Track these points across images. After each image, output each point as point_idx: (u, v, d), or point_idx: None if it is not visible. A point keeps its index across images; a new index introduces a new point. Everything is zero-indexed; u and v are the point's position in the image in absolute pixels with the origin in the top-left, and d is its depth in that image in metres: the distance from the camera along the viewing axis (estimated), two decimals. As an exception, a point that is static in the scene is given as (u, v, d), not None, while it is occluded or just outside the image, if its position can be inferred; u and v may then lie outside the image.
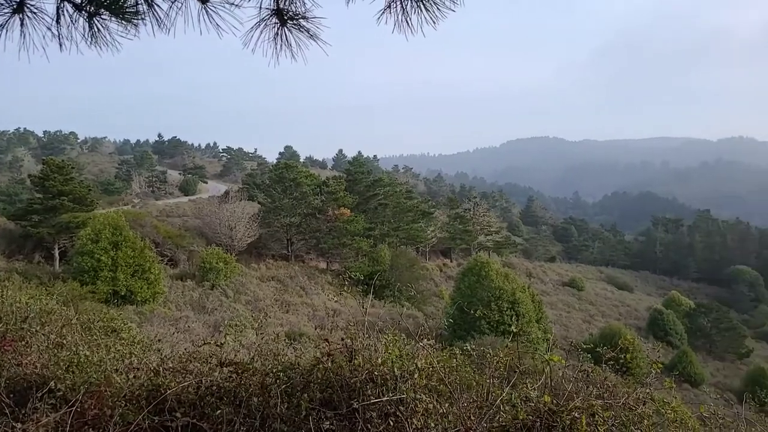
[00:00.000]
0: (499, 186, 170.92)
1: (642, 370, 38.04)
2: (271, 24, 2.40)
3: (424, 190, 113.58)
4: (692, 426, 2.77)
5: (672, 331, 49.59)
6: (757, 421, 3.80)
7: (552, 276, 65.50)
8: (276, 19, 2.41)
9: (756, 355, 49.67)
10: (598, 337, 37.71)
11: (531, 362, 3.20)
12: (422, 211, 55.36)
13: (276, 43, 2.40)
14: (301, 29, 2.38)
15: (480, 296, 31.70)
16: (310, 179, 44.47)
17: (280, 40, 2.39)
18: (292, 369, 2.85)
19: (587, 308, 55.13)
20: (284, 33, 2.39)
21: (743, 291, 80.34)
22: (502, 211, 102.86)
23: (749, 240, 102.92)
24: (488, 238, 63.91)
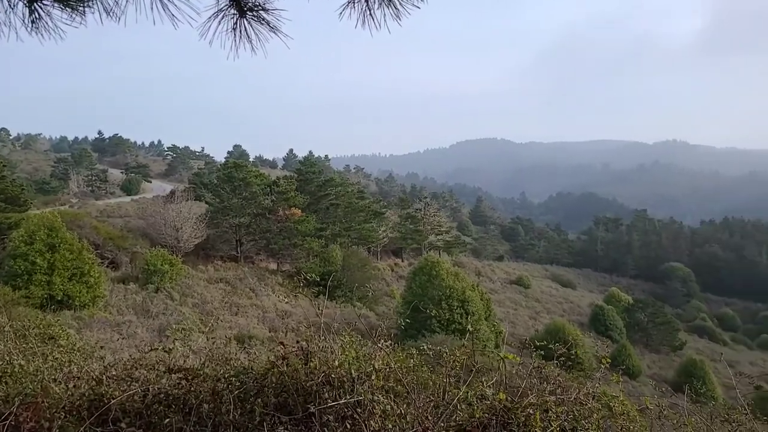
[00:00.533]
0: (449, 186, 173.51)
1: (585, 365, 39.53)
2: (230, 15, 2.31)
3: (376, 190, 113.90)
4: (636, 418, 2.88)
5: (612, 326, 51.76)
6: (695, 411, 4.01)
7: (500, 274, 67.02)
8: (234, 10, 2.31)
9: (688, 347, 52.53)
10: (544, 333, 38.90)
11: (485, 360, 3.23)
12: (374, 211, 55.46)
13: (235, 35, 2.30)
14: (261, 21, 2.29)
15: (431, 295, 32.04)
16: (260, 179, 43.69)
17: (239, 32, 2.30)
18: (245, 374, 2.77)
19: (533, 305, 56.74)
20: (243, 24, 2.30)
21: (676, 287, 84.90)
22: (452, 211, 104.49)
23: (682, 238, 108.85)
24: (439, 238, 64.74)
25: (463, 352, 2.88)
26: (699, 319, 69.32)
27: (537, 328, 43.61)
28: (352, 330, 3.40)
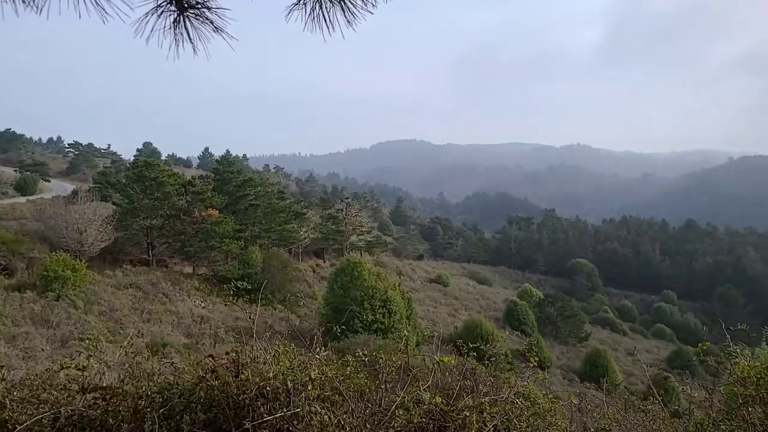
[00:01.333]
0: (370, 187, 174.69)
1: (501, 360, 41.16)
2: (169, 11, 2.13)
3: (296, 190, 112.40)
4: (563, 413, 3.01)
5: (525, 320, 54.37)
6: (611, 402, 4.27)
7: (420, 273, 68.34)
8: (174, 7, 2.14)
9: (593, 338, 56.26)
10: (462, 330, 40.19)
11: (420, 363, 3.25)
12: (295, 212, 54.65)
13: (175, 33, 2.13)
14: (203, 19, 2.14)
15: (353, 296, 32.08)
16: (173, 178, 41.64)
17: (179, 31, 2.13)
18: (170, 389, 2.60)
19: (452, 303, 58.34)
20: (184, 22, 2.13)
21: (582, 281, 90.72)
22: (373, 212, 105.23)
23: (586, 236, 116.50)
24: (360, 238, 64.94)
25: (399, 356, 2.88)
26: (602, 312, 74.38)
27: (456, 325, 44.85)
28: (274, 334, 3.30)
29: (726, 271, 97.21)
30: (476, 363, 3.05)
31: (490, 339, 39.51)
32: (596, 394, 8.31)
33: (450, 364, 2.77)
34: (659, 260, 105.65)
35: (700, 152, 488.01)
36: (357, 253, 54.55)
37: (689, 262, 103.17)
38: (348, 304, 31.49)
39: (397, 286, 37.50)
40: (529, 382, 3.08)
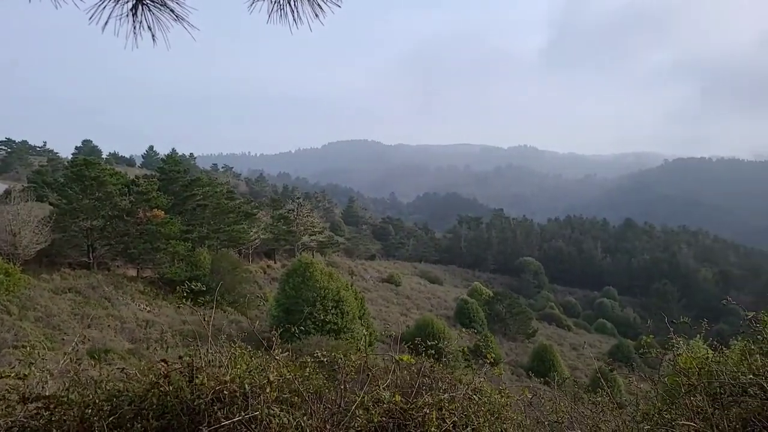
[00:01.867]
0: (321, 187, 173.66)
1: (452, 357, 41.77)
2: None
3: (246, 190, 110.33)
4: (521, 408, 3.09)
5: (475, 318, 55.43)
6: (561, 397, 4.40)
7: (372, 273, 68.45)
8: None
9: (540, 334, 58.00)
10: (414, 329, 40.56)
11: (379, 362, 3.24)
12: (245, 212, 53.58)
13: (132, 20, 2.02)
14: (162, 7, 2.04)
15: (305, 296, 31.81)
16: (115, 178, 40.01)
17: (138, 18, 2.03)
18: (120, 397, 2.48)
19: (404, 302, 58.73)
20: (142, 9, 2.02)
21: (529, 279, 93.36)
22: (324, 212, 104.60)
23: (533, 235, 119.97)
24: (312, 239, 64.40)
25: (357, 356, 2.87)
26: (548, 308, 76.74)
27: (408, 324, 45.21)
28: (228, 337, 3.22)
29: (662, 267, 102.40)
30: (433, 361, 3.08)
31: (442, 337, 40.20)
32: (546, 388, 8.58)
33: (408, 363, 2.78)
34: (601, 258, 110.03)
35: (637, 154, 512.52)
36: (309, 254, 54.10)
37: (628, 259, 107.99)
38: (300, 305, 31.23)
39: (350, 286, 37.44)
40: (485, 378, 3.14)
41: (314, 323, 31.21)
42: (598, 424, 3.18)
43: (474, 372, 3.22)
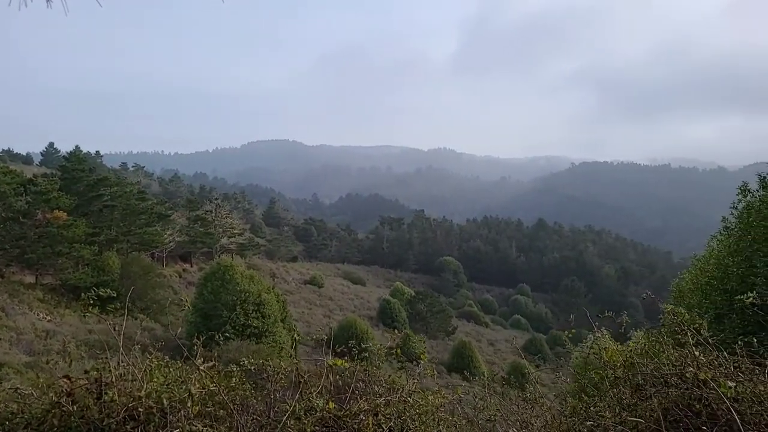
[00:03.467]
0: (241, 187, 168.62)
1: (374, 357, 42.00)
2: None
3: (160, 190, 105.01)
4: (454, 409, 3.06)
5: (397, 318, 56.15)
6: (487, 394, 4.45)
7: (294, 275, 67.45)
8: None
9: (459, 332, 59.71)
10: (338, 330, 40.41)
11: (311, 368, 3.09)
12: (158, 214, 50.92)
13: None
14: None
15: (225, 300, 30.77)
16: (10, 176, 36.60)
17: None
18: (14, 419, 2.16)
19: (327, 303, 58.36)
20: None
21: (449, 278, 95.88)
22: (244, 213, 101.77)
23: (453, 235, 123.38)
24: (231, 241, 62.41)
25: (288, 362, 2.70)
26: (467, 306, 79.18)
27: (331, 326, 44.99)
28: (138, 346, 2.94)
29: (570, 264, 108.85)
30: (365, 363, 2.98)
31: (365, 338, 40.34)
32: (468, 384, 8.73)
33: (342, 367, 2.67)
34: (515, 256, 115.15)
35: (547, 158, 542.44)
36: (228, 256, 52.33)
37: (540, 257, 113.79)
38: (219, 309, 30.18)
39: (272, 288, 36.66)
40: (419, 379, 3.10)
41: (234, 328, 30.30)
42: (528, 419, 3.24)
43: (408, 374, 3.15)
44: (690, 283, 9.50)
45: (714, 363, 2.27)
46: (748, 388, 2.02)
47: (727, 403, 1.94)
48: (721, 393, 2.01)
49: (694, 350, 2.30)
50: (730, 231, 8.89)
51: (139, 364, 2.46)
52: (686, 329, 2.40)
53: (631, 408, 2.38)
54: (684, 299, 9.11)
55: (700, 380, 2.15)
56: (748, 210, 8.14)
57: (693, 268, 10.06)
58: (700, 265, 9.52)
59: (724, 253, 8.46)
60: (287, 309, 38.72)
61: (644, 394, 2.38)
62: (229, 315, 30.28)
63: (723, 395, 2.00)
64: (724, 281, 7.91)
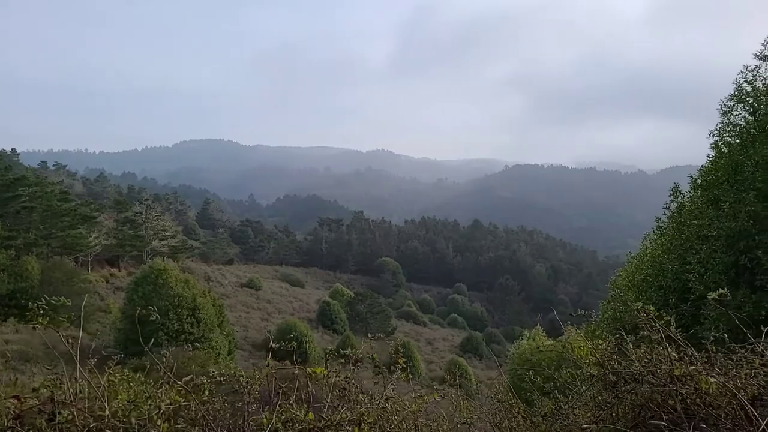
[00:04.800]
0: (173, 188, 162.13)
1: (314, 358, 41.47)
2: None
3: (84, 191, 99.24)
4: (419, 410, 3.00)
5: (337, 319, 55.94)
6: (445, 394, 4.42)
7: (231, 278, 65.70)
8: None
9: (399, 331, 60.21)
10: (276, 333, 39.71)
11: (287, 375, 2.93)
12: (82, 215, 48.08)
13: None
14: None
15: (157, 306, 29.35)
16: None
17: None
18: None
19: (265, 306, 57.24)
20: None
21: (388, 279, 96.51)
22: (177, 215, 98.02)
23: (391, 236, 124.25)
24: (163, 243, 59.88)
25: (266, 371, 2.54)
26: (405, 306, 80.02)
27: (269, 329, 44.15)
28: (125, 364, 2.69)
29: (504, 264, 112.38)
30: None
31: (305, 340, 39.86)
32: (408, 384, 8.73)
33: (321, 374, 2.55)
34: (452, 256, 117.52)
35: (482, 160, 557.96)
36: (160, 260, 50.17)
37: (476, 257, 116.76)
38: (151, 315, 28.85)
39: (207, 292, 35.53)
40: (395, 384, 3.03)
41: (167, 334, 29.19)
42: (501, 420, 3.24)
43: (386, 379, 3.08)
44: (626, 280, 10.01)
45: (685, 359, 2.36)
46: (722, 382, 2.10)
47: (703, 398, 2.01)
48: (695, 388, 2.08)
49: (667, 346, 2.38)
50: (663, 230, 9.45)
51: (98, 379, 2.22)
52: (656, 326, 2.47)
53: (606, 406, 2.42)
54: (620, 296, 9.59)
55: (674, 376, 2.22)
56: (680, 210, 8.69)
57: (629, 266, 10.61)
58: (635, 263, 10.05)
59: (658, 251, 8.97)
60: (224, 313, 37.69)
61: (618, 392, 2.44)
62: (161, 321, 29.11)
63: (698, 390, 2.07)
64: (659, 278, 8.40)
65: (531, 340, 27.31)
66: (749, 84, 7.94)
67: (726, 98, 8.25)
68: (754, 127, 7.58)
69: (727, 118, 8.26)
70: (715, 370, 2.20)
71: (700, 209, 7.82)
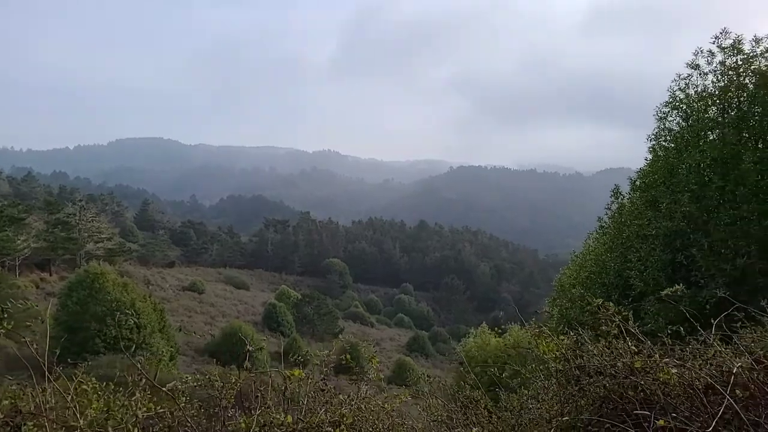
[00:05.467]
0: (108, 188, 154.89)
1: (261, 363, 40.80)
2: None
3: (10, 191, 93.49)
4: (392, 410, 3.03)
5: (283, 321, 55.24)
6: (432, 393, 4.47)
7: (172, 282, 63.60)
8: None
9: (346, 332, 60.10)
10: (221, 337, 38.79)
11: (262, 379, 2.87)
12: (9, 217, 45.23)
13: None
14: None
15: (93, 312, 28.22)
16: None
17: None
18: None
19: (209, 310, 55.76)
20: None
21: (335, 280, 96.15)
22: (113, 216, 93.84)
23: (338, 237, 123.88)
24: (99, 246, 57.19)
25: (245, 375, 2.49)
26: (353, 307, 79.98)
27: (213, 333, 43.04)
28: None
29: (450, 263, 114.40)
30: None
31: (251, 343, 39.17)
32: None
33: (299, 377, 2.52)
34: (399, 257, 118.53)
35: (428, 161, 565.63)
36: (96, 263, 47.89)
37: (422, 257, 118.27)
38: (87, 321, 27.62)
39: (148, 297, 34.26)
40: (368, 385, 3.04)
41: (105, 341, 28.01)
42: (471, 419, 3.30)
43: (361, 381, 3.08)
44: (571, 278, 10.45)
45: (644, 351, 2.52)
46: (681, 373, 2.25)
47: (662, 388, 2.15)
48: (654, 379, 2.22)
49: (628, 340, 2.53)
50: (605, 230, 9.94)
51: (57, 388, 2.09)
52: (616, 321, 2.62)
53: (571, 399, 2.54)
54: (566, 293, 10.01)
55: (633, 368, 2.36)
56: (621, 211, 9.16)
57: (573, 264, 11.07)
58: (579, 262, 10.50)
59: (601, 250, 9.42)
60: (165, 318, 36.49)
61: (582, 385, 2.56)
62: (97, 327, 27.99)
63: (657, 381, 2.22)
64: (602, 275, 8.83)
65: (477, 338, 27.92)
66: (682, 91, 8.49)
67: (661, 105, 8.80)
68: (688, 133, 8.13)
69: (663, 123, 8.80)
70: (674, 362, 2.35)
71: (639, 210, 8.31)
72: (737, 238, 6.86)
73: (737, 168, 7.27)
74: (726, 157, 7.34)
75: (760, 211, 6.98)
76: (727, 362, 2.24)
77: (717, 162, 7.32)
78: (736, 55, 8.39)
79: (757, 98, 7.86)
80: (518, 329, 26.37)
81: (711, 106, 8.21)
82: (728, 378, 2.14)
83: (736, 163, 7.30)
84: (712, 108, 8.22)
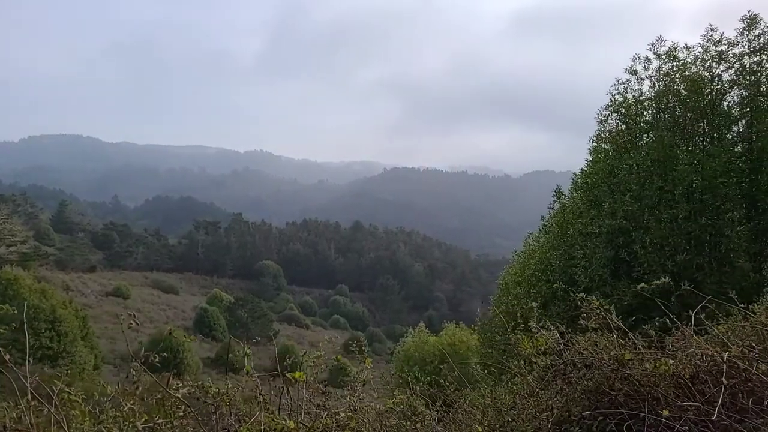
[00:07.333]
0: (21, 188, 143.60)
1: (192, 367, 39.38)
2: None
3: None
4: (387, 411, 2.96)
5: (216, 326, 53.62)
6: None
7: (94, 287, 60.19)
8: None
9: (281, 335, 59.10)
10: (149, 344, 37.02)
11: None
12: None
13: None
14: None
15: (7, 320, 26.08)
16: None
17: None
18: None
19: (135, 316, 53.21)
20: None
21: (269, 282, 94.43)
22: (27, 218, 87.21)
23: (272, 238, 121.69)
24: (11, 250, 53.08)
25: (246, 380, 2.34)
26: (288, 309, 78.96)
27: (141, 340, 41.09)
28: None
29: (384, 264, 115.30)
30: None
31: (181, 350, 37.61)
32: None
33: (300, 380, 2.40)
34: (334, 258, 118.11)
35: (362, 163, 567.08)
36: (8, 268, 44.41)
37: (358, 258, 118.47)
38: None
39: (69, 303, 32.22)
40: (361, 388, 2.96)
41: (20, 351, 25.93)
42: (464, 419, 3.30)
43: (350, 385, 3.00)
44: (515, 276, 10.78)
45: (629, 344, 2.62)
46: (674, 363, 2.36)
47: (649, 379, 2.25)
48: (642, 370, 2.32)
49: (615, 333, 2.62)
50: (547, 228, 10.34)
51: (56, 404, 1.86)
52: (599, 315, 2.72)
53: (561, 393, 2.60)
54: (510, 291, 10.32)
55: (618, 361, 2.46)
56: (563, 210, 9.57)
57: (516, 263, 11.42)
58: (522, 260, 10.86)
59: (545, 249, 9.79)
60: (88, 325, 34.53)
61: (570, 379, 2.64)
62: (12, 336, 25.89)
63: (645, 372, 2.32)
64: (547, 273, 9.18)
65: (416, 337, 28.28)
66: (621, 95, 9.01)
67: (602, 108, 9.31)
68: (627, 135, 8.63)
69: (603, 126, 9.29)
70: (668, 353, 2.47)
71: (582, 209, 8.72)
72: (676, 235, 7.40)
73: (674, 169, 7.85)
74: (664, 159, 7.89)
75: (694, 209, 7.56)
76: (711, 352, 2.39)
77: (657, 163, 7.87)
78: (672, 62, 9.04)
79: (687, 104, 8.52)
80: (454, 327, 26.99)
81: (647, 109, 8.81)
82: (712, 368, 2.27)
83: (673, 164, 7.88)
84: (648, 111, 8.81)
